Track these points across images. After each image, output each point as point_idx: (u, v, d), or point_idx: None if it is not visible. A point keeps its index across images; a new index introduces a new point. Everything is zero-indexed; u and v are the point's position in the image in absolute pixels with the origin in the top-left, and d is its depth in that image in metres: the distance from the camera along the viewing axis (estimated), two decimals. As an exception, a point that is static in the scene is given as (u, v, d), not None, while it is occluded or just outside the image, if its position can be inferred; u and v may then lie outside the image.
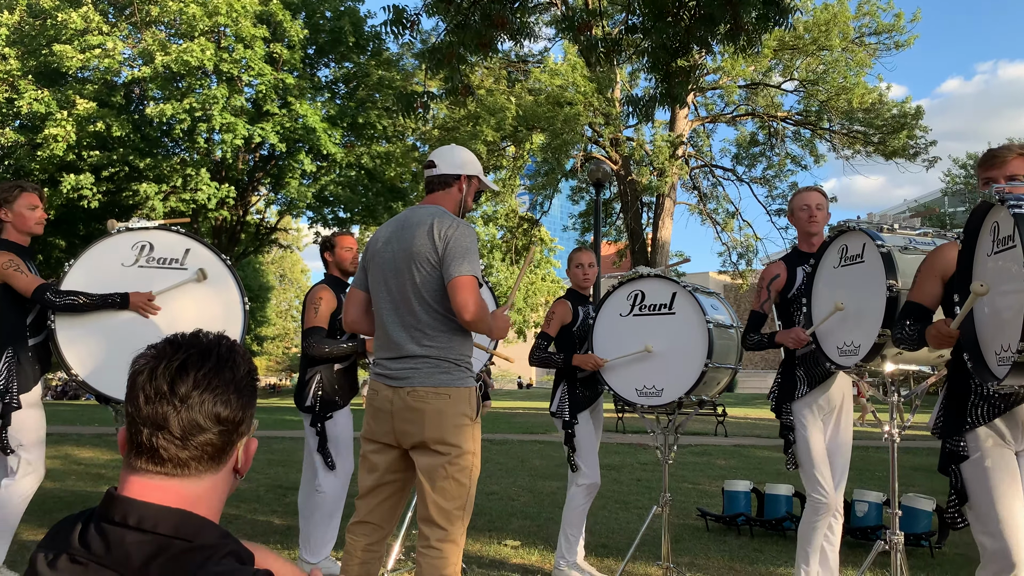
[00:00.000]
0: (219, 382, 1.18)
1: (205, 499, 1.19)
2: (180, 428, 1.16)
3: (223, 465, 1.22)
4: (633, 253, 23.99)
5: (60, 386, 37.77)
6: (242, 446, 1.24)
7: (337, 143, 21.11)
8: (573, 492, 4.37)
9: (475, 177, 3.05)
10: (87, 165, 19.51)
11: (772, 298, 3.79)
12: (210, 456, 1.19)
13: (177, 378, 1.17)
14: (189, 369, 1.17)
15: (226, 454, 1.21)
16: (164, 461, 1.17)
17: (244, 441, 1.25)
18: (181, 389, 1.16)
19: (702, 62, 21.21)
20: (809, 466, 3.59)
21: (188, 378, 1.17)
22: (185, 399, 1.16)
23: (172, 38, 20.45)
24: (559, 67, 21.62)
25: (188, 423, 1.16)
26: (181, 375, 1.17)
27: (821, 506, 3.58)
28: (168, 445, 1.16)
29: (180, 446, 1.16)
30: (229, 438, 1.20)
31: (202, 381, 1.17)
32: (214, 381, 1.18)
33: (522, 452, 10.75)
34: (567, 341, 4.47)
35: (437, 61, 5.34)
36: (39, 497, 6.32)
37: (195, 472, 1.18)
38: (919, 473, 9.02)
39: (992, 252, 2.42)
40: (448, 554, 2.73)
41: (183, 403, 1.16)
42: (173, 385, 1.16)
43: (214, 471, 1.20)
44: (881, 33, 22.85)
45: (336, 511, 4.30)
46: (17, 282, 3.65)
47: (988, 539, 2.53)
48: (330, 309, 4.27)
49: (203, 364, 1.19)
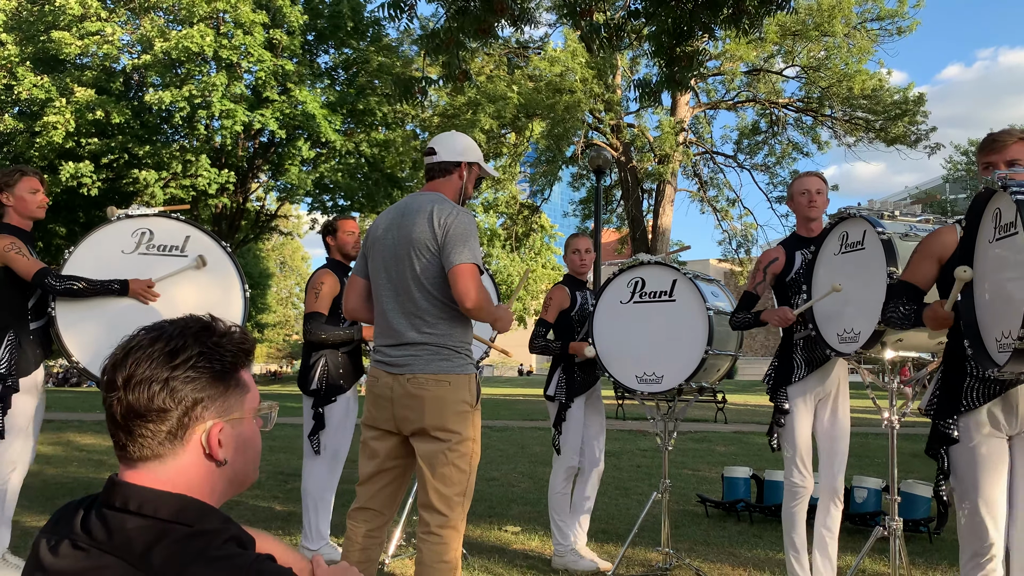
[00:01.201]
0: (159, 364, 1.16)
1: (182, 483, 1.17)
2: (120, 414, 1.16)
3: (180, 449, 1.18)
4: (634, 240, 23.96)
5: (62, 373, 37.85)
6: (204, 430, 1.19)
7: (337, 130, 21.05)
8: (552, 475, 4.43)
9: (475, 164, 3.03)
10: (86, 152, 19.47)
11: (767, 281, 3.79)
12: (161, 441, 1.17)
13: (119, 364, 1.17)
14: (132, 353, 1.17)
15: (178, 437, 1.17)
16: (122, 447, 1.18)
17: (207, 425, 1.19)
18: (119, 376, 1.16)
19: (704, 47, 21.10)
20: (791, 451, 3.62)
21: (127, 363, 1.16)
22: (124, 385, 1.16)
23: (171, 24, 20.35)
24: (559, 54, 21.50)
25: (126, 408, 1.16)
26: (123, 360, 1.17)
27: (799, 491, 3.64)
28: (117, 431, 1.17)
29: (125, 431, 1.17)
30: (180, 421, 1.17)
31: (143, 362, 1.16)
32: (155, 364, 1.16)
33: (522, 439, 10.79)
34: (565, 326, 4.48)
35: (436, 46, 5.32)
36: (41, 483, 6.36)
37: (154, 455, 1.17)
38: (918, 460, 9.04)
39: (994, 238, 2.42)
40: (448, 540, 2.74)
41: (122, 389, 1.16)
42: (114, 371, 1.17)
43: (173, 455, 1.17)
44: (883, 19, 22.72)
45: (323, 498, 4.31)
46: (18, 265, 3.65)
47: (968, 522, 2.56)
48: (332, 293, 4.28)
49: (150, 347, 1.17)
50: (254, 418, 1.28)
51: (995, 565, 2.53)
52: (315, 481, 4.28)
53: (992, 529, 2.52)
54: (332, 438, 4.30)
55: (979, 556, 2.54)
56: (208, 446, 1.19)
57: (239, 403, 1.23)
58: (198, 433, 1.19)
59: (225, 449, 1.21)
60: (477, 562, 4.31)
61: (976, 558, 2.55)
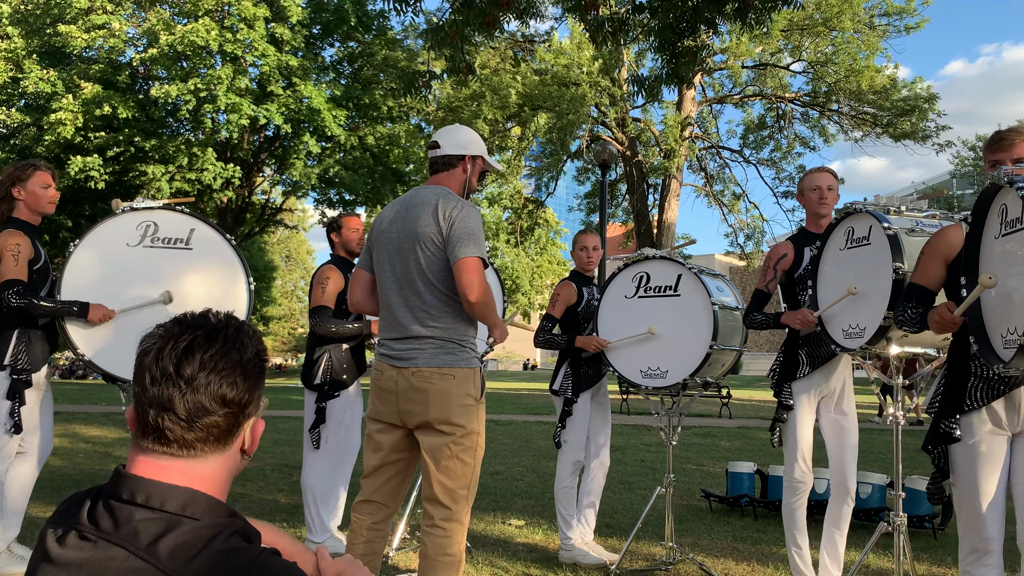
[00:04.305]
0: (225, 364, 1.18)
1: (211, 479, 1.19)
2: (186, 410, 1.15)
3: (229, 446, 1.21)
4: (639, 234, 23.93)
5: (68, 365, 38.00)
6: (249, 427, 1.24)
7: (342, 124, 21.03)
8: (558, 469, 4.44)
9: (479, 157, 3.03)
10: (92, 146, 19.50)
11: (778, 278, 3.78)
12: (216, 438, 1.19)
13: (183, 359, 1.16)
14: (195, 351, 1.17)
15: (232, 435, 1.21)
16: (170, 442, 1.17)
17: (251, 422, 1.24)
18: (187, 371, 1.15)
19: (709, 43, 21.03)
20: (793, 448, 3.61)
21: (194, 360, 1.16)
22: (191, 381, 1.15)
23: (176, 17, 20.35)
24: (564, 46, 21.44)
25: (193, 405, 1.15)
26: (187, 356, 1.16)
27: (799, 487, 3.64)
28: (174, 426, 1.16)
29: (186, 427, 1.16)
30: (235, 420, 1.20)
31: (208, 363, 1.16)
32: (220, 363, 1.17)
33: (527, 432, 10.80)
34: (572, 322, 4.48)
35: (440, 40, 5.31)
36: (47, 474, 6.39)
37: (201, 453, 1.18)
38: (922, 455, 9.04)
39: (1000, 235, 2.41)
40: (453, 533, 2.75)
41: (188, 385, 1.15)
42: (179, 366, 1.16)
43: (220, 452, 1.20)
44: (892, 15, 22.60)
45: (325, 491, 4.32)
46: (4, 265, 3.57)
47: (967, 518, 2.59)
48: (337, 289, 4.29)
49: (210, 346, 1.18)
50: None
51: (994, 560, 2.56)
52: (315, 475, 4.29)
53: (991, 525, 2.55)
54: (334, 433, 4.31)
55: (978, 551, 2.58)
56: (249, 442, 1.25)
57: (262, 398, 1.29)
58: (245, 430, 1.24)
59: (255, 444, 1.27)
60: (481, 555, 4.33)
61: (975, 553, 2.58)
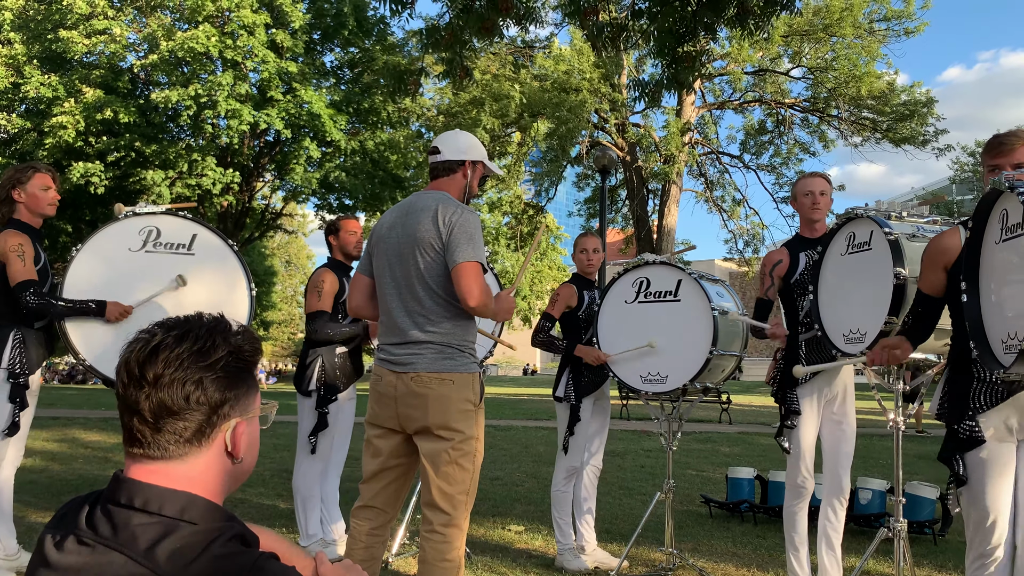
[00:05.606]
0: (191, 363, 1.17)
1: (199, 482, 1.18)
2: (151, 411, 1.16)
3: (205, 448, 1.20)
4: (639, 240, 23.93)
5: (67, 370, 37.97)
6: (229, 428, 1.22)
7: (342, 129, 21.06)
8: (555, 474, 4.45)
9: (480, 162, 3.03)
10: (93, 151, 19.52)
11: (776, 284, 3.78)
12: (187, 439, 1.18)
13: (147, 361, 1.17)
14: (161, 351, 1.17)
15: (206, 436, 1.20)
16: (143, 444, 1.18)
17: (231, 423, 1.22)
18: (150, 372, 1.16)
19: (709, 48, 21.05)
20: (797, 452, 3.64)
21: (158, 361, 1.17)
22: (155, 382, 1.16)
23: (177, 23, 20.40)
24: (564, 52, 21.48)
25: (158, 405, 1.16)
26: (152, 358, 1.17)
27: (801, 491, 3.67)
28: (143, 427, 1.17)
29: (153, 428, 1.17)
30: (208, 420, 1.19)
31: (173, 362, 1.17)
32: (186, 362, 1.17)
33: (526, 438, 10.79)
34: (572, 326, 4.47)
35: (435, 41, 5.32)
36: (46, 479, 6.38)
37: (176, 455, 1.18)
38: (923, 461, 9.03)
39: (1000, 240, 2.41)
40: (452, 538, 2.74)
41: (153, 386, 1.16)
42: (143, 368, 1.17)
43: (196, 454, 1.19)
44: (891, 19, 22.64)
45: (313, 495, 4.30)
46: (14, 267, 3.59)
47: (976, 524, 2.61)
48: (332, 291, 4.28)
49: (178, 345, 1.18)
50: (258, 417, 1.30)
51: (999, 567, 2.58)
52: (306, 480, 4.28)
53: (998, 532, 2.57)
54: (327, 437, 4.30)
55: (984, 557, 2.60)
56: (232, 444, 1.23)
57: (253, 402, 1.27)
58: (223, 432, 1.22)
59: (242, 447, 1.24)
60: (481, 561, 4.31)
61: (981, 559, 2.61)
